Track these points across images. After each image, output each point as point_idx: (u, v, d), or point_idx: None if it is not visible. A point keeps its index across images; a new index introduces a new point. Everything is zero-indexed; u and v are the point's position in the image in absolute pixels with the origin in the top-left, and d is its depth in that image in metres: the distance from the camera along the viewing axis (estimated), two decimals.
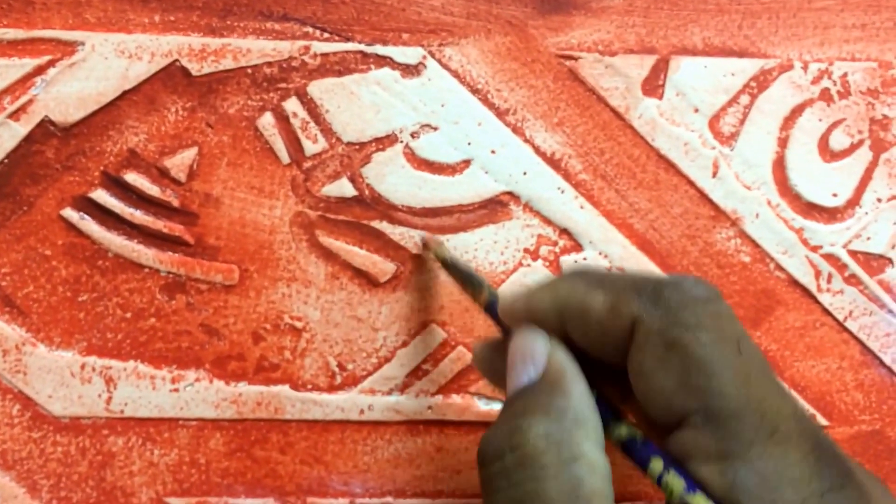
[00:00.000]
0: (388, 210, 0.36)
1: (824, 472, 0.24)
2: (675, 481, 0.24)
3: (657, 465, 0.25)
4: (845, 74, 0.37)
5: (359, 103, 0.36)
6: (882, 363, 0.38)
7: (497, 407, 0.37)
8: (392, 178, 0.36)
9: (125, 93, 0.35)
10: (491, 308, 0.31)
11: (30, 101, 0.34)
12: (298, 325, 0.36)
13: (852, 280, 0.38)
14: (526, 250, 0.37)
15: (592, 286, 0.27)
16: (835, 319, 0.38)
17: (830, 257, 0.38)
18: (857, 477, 0.24)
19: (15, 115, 0.34)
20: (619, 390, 0.28)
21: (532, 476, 0.25)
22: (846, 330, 0.38)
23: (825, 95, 0.37)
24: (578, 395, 0.26)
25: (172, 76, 0.35)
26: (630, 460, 0.26)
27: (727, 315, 0.26)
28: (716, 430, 0.24)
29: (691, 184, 0.37)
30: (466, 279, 0.33)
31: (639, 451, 0.26)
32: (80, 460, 0.36)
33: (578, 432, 0.25)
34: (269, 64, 0.35)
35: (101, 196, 0.35)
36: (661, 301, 0.26)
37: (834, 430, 0.38)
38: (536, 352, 0.28)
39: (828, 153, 0.37)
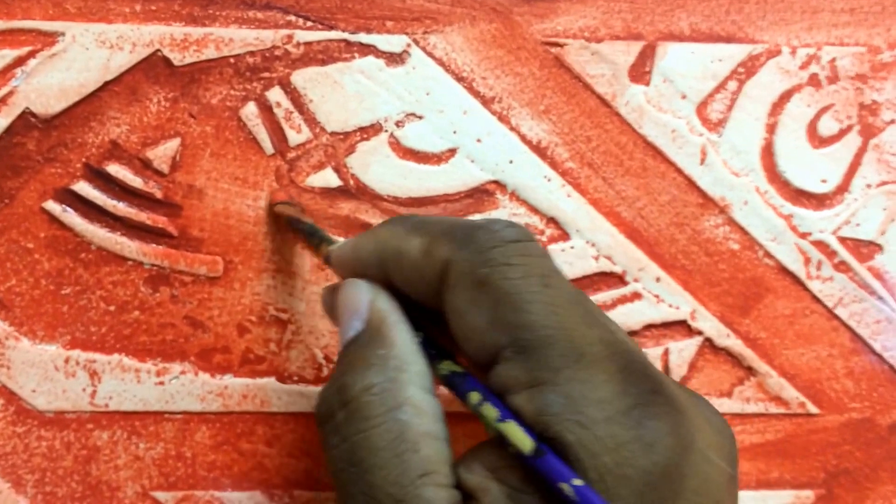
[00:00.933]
0: (373, 200, 0.36)
1: (630, 391, 0.24)
2: (490, 411, 0.25)
3: (474, 397, 0.25)
4: (834, 59, 0.37)
5: (343, 92, 0.36)
6: (872, 350, 0.38)
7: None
8: (377, 167, 0.36)
9: (107, 83, 0.35)
10: (328, 260, 0.32)
11: (10, 93, 0.34)
12: (284, 316, 0.36)
13: (842, 267, 0.38)
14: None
15: (410, 231, 0.28)
16: (824, 307, 0.38)
17: (820, 244, 0.38)
18: (667, 392, 0.24)
19: None
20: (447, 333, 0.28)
21: (359, 428, 0.26)
22: (836, 317, 0.38)
23: (813, 81, 0.37)
24: (401, 342, 0.27)
25: (154, 66, 0.35)
26: (454, 395, 0.27)
27: (536, 252, 0.26)
28: (526, 361, 0.25)
29: (679, 171, 0.37)
30: (308, 234, 0.33)
31: (458, 386, 0.26)
32: (65, 455, 0.36)
33: (401, 377, 0.26)
34: (252, 53, 0.35)
35: (84, 188, 0.35)
36: (471, 243, 0.26)
37: (824, 417, 0.38)
38: (359, 302, 0.28)
39: (816, 139, 0.37)
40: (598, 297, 0.37)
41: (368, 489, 0.25)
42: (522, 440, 0.24)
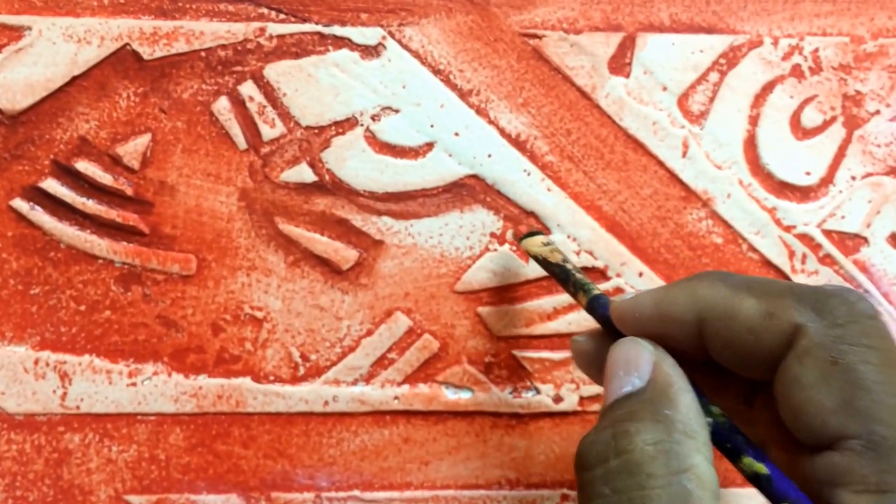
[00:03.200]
0: (349, 195, 0.36)
1: None
2: None
3: None
4: (816, 50, 0.37)
5: (317, 86, 0.35)
6: None
7: (466, 396, 0.37)
8: (353, 162, 0.36)
9: (74, 78, 0.34)
10: (593, 309, 0.30)
11: None
12: (259, 315, 0.36)
13: (827, 260, 0.38)
14: (492, 235, 0.36)
15: (739, 290, 0.26)
16: None
17: (804, 237, 0.37)
18: None
19: None
20: (744, 398, 0.27)
21: (638, 484, 0.24)
22: None
23: (796, 72, 0.37)
24: (687, 407, 0.25)
25: (123, 61, 0.35)
26: (762, 494, 0.25)
27: (889, 334, 0.25)
28: (877, 460, 0.23)
29: (661, 164, 0.37)
30: (561, 279, 0.32)
31: (766, 488, 0.25)
32: (36, 458, 0.35)
33: (688, 443, 0.24)
34: (224, 47, 0.35)
35: (52, 185, 0.35)
36: (826, 312, 0.25)
37: None
38: (641, 361, 0.27)
39: (800, 131, 0.37)
40: None
41: None
42: None
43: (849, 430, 0.24)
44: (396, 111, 0.36)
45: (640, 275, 0.37)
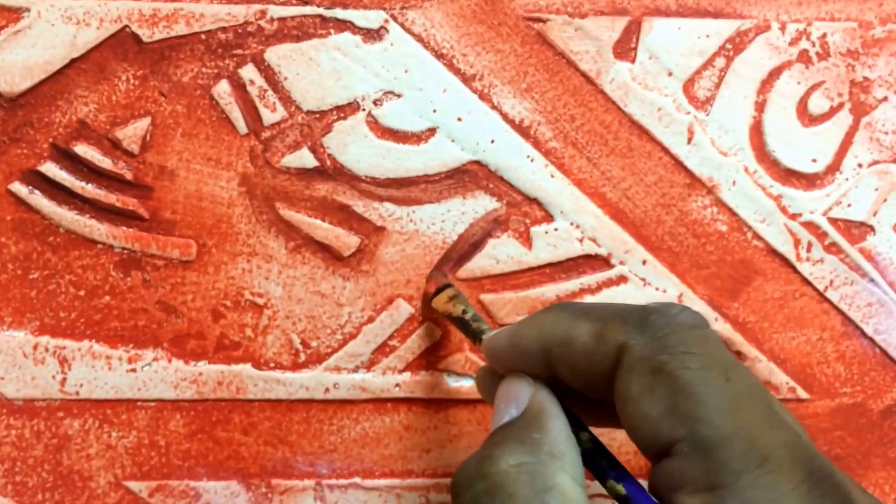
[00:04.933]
0: (350, 181, 0.36)
1: (816, 500, 0.23)
2: None
3: None
4: (824, 35, 0.37)
5: (318, 70, 0.35)
6: (864, 334, 0.38)
7: (467, 384, 0.37)
8: (354, 147, 0.36)
9: (73, 61, 0.34)
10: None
11: None
12: (260, 301, 0.36)
13: (833, 248, 0.38)
14: (495, 221, 0.36)
15: (578, 317, 0.27)
16: (815, 289, 0.38)
17: (810, 225, 0.37)
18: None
19: None
20: (612, 424, 0.28)
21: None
22: (827, 300, 0.38)
23: (803, 57, 0.37)
24: (556, 431, 0.27)
25: (122, 43, 0.35)
26: None
27: (714, 341, 0.26)
28: (703, 459, 0.24)
29: (665, 151, 0.37)
30: (462, 327, 0.33)
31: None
32: (35, 444, 0.35)
33: (553, 464, 0.26)
34: (224, 29, 0.35)
35: (51, 169, 0.35)
36: (647, 327, 0.26)
37: (815, 403, 0.38)
38: (520, 394, 0.28)
39: (806, 117, 0.37)
40: (584, 281, 0.37)
41: None
42: None
43: (676, 435, 0.24)
44: (399, 96, 0.36)
45: (644, 262, 0.37)
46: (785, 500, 0.23)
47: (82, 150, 0.35)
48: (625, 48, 0.37)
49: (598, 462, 0.27)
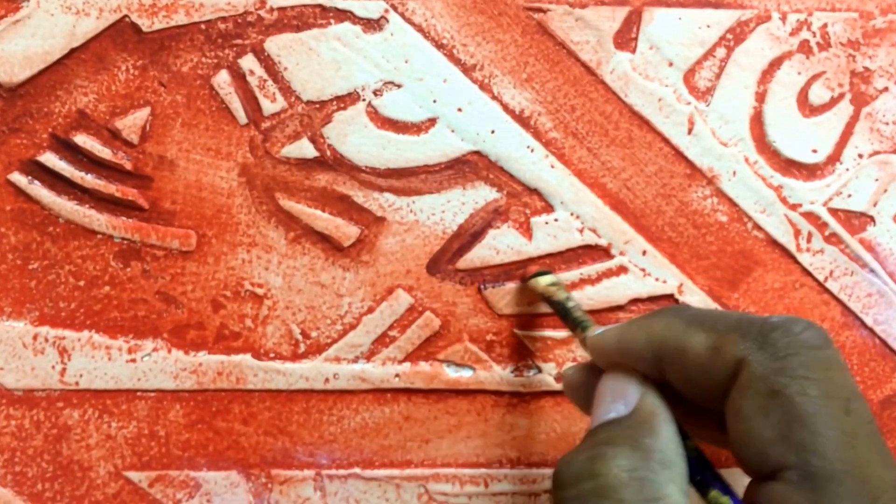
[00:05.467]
0: (350, 171, 0.36)
1: None
2: None
3: None
4: (825, 25, 0.37)
5: (318, 60, 0.35)
6: (864, 324, 0.38)
7: (467, 374, 0.37)
8: (354, 137, 0.36)
9: (73, 51, 0.34)
10: (584, 344, 0.32)
11: None
12: (260, 291, 0.36)
13: (833, 239, 0.38)
14: (496, 211, 0.37)
15: (692, 325, 0.27)
16: (815, 280, 0.38)
17: (810, 216, 0.38)
18: None
19: None
20: (718, 431, 0.28)
21: None
22: (827, 291, 0.38)
23: (804, 47, 0.37)
24: (667, 438, 0.26)
25: (122, 33, 0.35)
26: None
27: (837, 366, 0.26)
28: (812, 491, 0.24)
29: (666, 141, 0.37)
30: (562, 315, 0.34)
31: None
32: (35, 434, 0.36)
33: (664, 473, 0.25)
34: (224, 19, 0.35)
35: (50, 159, 0.35)
36: (767, 344, 0.25)
37: None
38: (628, 392, 0.28)
39: (807, 108, 0.37)
40: (584, 271, 0.37)
41: None
42: None
43: (786, 461, 0.24)
44: (399, 86, 0.36)
45: (644, 253, 0.37)
46: None
47: (82, 140, 0.35)
48: (625, 38, 0.37)
49: (701, 471, 0.27)
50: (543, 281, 0.36)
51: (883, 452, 0.25)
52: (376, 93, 0.36)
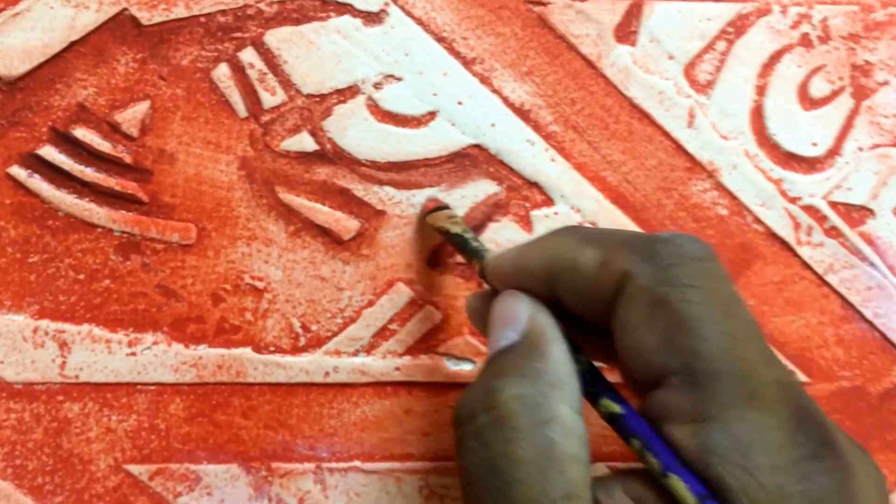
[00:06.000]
0: (350, 165, 0.36)
1: (801, 440, 0.24)
2: (653, 462, 0.25)
3: (635, 444, 0.25)
4: (825, 18, 0.37)
5: (318, 53, 0.35)
6: (863, 318, 0.38)
7: (467, 367, 0.37)
8: (354, 131, 0.36)
9: (72, 44, 0.35)
10: (482, 274, 0.31)
11: None
12: (260, 285, 0.36)
13: (833, 232, 0.38)
14: (496, 205, 0.37)
15: (582, 242, 0.27)
16: (815, 273, 0.38)
17: (810, 209, 0.38)
18: (839, 447, 0.24)
19: None
20: (609, 350, 0.28)
21: (503, 437, 0.25)
22: (826, 284, 0.38)
23: (805, 41, 0.37)
24: (556, 358, 0.27)
25: (122, 26, 0.35)
26: (617, 433, 0.26)
27: (719, 275, 0.26)
28: (694, 392, 0.24)
29: (666, 134, 0.37)
30: (460, 247, 0.33)
31: (619, 426, 0.26)
32: (35, 427, 0.36)
33: (553, 394, 0.26)
34: (224, 12, 0.35)
35: (50, 153, 0.35)
36: (652, 256, 0.26)
37: (814, 386, 0.39)
38: (518, 314, 0.28)
39: (807, 101, 0.37)
40: None
41: (506, 502, 0.25)
42: (687, 497, 0.23)
43: (670, 367, 0.25)
44: (399, 79, 0.36)
45: None
46: (769, 435, 0.24)
47: (81, 133, 0.35)
48: (626, 31, 0.37)
49: (594, 383, 0.27)
50: (441, 215, 0.35)
51: (765, 352, 0.25)
52: (376, 86, 0.36)
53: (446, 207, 0.36)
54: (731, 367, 0.24)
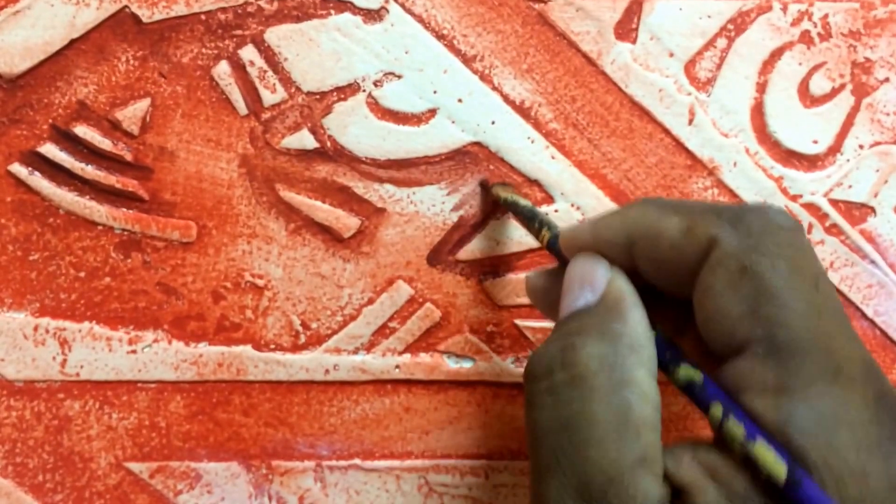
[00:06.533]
0: (351, 162, 0.36)
1: (884, 419, 0.23)
2: (737, 429, 0.24)
3: (717, 410, 0.25)
4: (826, 16, 0.37)
5: (318, 51, 0.36)
6: (864, 315, 0.38)
7: (467, 365, 0.37)
8: (355, 128, 0.36)
9: (73, 41, 0.35)
10: (552, 245, 0.31)
11: None
12: (260, 282, 0.36)
13: (833, 230, 0.38)
14: (496, 203, 0.37)
15: (666, 211, 0.27)
16: None
17: (811, 207, 0.38)
18: None
19: None
20: (679, 323, 0.28)
21: (581, 396, 0.25)
22: None
23: (805, 38, 0.37)
24: (635, 322, 0.27)
25: (122, 23, 0.35)
26: (692, 402, 0.26)
27: (808, 248, 0.26)
28: (777, 363, 0.24)
29: (666, 132, 0.37)
30: (528, 218, 0.33)
31: (697, 394, 0.26)
32: (36, 425, 0.36)
33: (632, 357, 0.26)
34: (224, 10, 0.35)
35: (51, 150, 0.35)
36: (741, 224, 0.26)
37: None
38: (596, 276, 0.28)
39: (808, 98, 0.38)
40: None
41: (580, 462, 0.24)
42: (775, 465, 0.23)
43: (753, 335, 0.24)
44: (399, 77, 0.36)
45: None
46: (853, 413, 0.23)
47: (82, 131, 0.35)
48: (626, 29, 0.37)
49: (669, 349, 0.27)
50: (505, 188, 0.35)
51: (848, 328, 0.25)
52: (376, 83, 0.36)
53: (508, 184, 0.36)
54: (816, 340, 0.24)
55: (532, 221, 0.33)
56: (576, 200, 0.37)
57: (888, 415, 0.24)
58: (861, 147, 0.38)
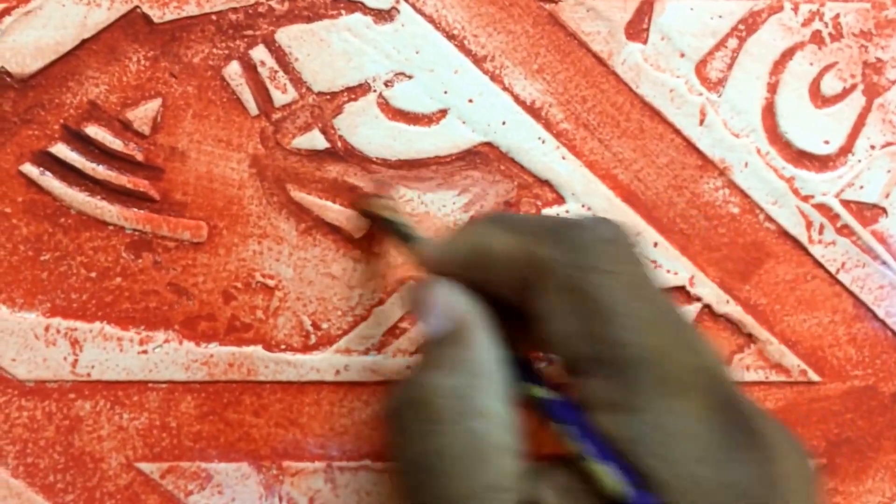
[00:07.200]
0: (361, 162, 0.36)
1: (725, 429, 0.23)
2: (581, 448, 0.24)
3: (566, 430, 0.25)
4: (837, 16, 0.37)
5: (329, 51, 0.36)
6: (875, 316, 0.38)
7: None
8: (365, 129, 0.36)
9: (84, 42, 0.35)
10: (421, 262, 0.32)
11: None
12: (271, 283, 0.36)
13: (845, 231, 0.38)
14: (507, 203, 0.37)
15: (500, 228, 0.27)
16: (827, 272, 0.38)
17: (822, 207, 0.38)
18: (761, 431, 0.24)
19: None
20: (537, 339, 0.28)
21: (429, 431, 0.25)
22: (838, 282, 0.38)
23: (816, 38, 0.37)
24: (479, 347, 0.26)
25: (133, 24, 0.35)
26: (547, 420, 0.26)
27: (631, 258, 0.26)
28: (618, 381, 0.24)
29: (677, 132, 0.37)
30: (399, 235, 0.33)
31: (550, 415, 0.26)
32: (47, 425, 0.36)
33: (477, 384, 0.26)
34: (235, 10, 0.35)
35: (62, 150, 0.35)
36: (564, 242, 0.25)
37: (826, 385, 0.39)
38: (437, 301, 0.28)
39: (819, 99, 0.38)
40: None
41: (434, 498, 0.25)
42: (616, 485, 0.23)
43: (587, 354, 0.24)
44: (410, 77, 0.36)
45: (655, 244, 0.38)
46: (692, 425, 0.23)
47: (93, 131, 0.35)
48: (637, 29, 0.37)
49: (522, 371, 0.27)
50: (382, 202, 0.35)
51: (683, 337, 0.25)
52: (387, 84, 0.36)
53: (391, 199, 0.36)
54: (649, 354, 0.24)
55: (398, 235, 0.33)
56: (586, 201, 0.37)
57: (730, 423, 0.24)
58: (872, 147, 0.38)
